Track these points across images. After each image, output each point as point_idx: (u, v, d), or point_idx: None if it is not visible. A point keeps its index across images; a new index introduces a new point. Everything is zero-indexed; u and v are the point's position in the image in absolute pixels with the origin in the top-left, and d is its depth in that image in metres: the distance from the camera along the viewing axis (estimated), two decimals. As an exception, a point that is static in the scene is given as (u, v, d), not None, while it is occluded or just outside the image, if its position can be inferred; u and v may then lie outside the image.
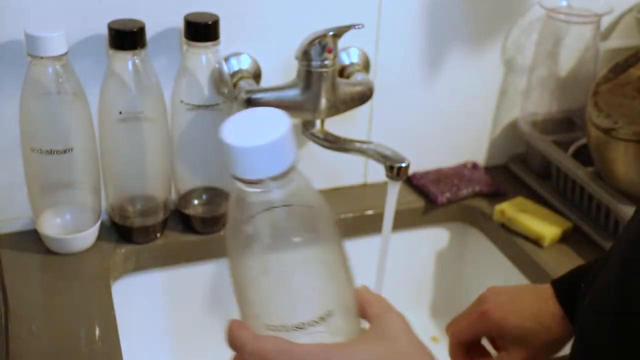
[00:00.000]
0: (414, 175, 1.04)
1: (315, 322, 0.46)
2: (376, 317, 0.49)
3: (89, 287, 0.81)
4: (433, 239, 1.06)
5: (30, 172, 0.83)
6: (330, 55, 0.83)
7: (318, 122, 0.90)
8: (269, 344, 0.45)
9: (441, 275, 1.08)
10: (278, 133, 0.43)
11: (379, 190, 0.97)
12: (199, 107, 0.84)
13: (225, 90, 0.85)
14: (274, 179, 0.44)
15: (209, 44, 0.82)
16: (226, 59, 0.88)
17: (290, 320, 0.46)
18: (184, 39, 0.83)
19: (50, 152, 0.80)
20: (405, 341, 0.48)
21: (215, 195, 0.91)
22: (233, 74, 0.88)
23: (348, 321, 0.49)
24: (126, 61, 0.80)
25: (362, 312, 0.50)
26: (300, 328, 0.46)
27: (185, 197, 0.91)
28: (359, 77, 0.91)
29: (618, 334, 0.47)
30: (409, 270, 1.06)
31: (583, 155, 0.98)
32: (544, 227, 0.95)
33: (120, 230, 0.88)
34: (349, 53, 0.93)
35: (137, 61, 0.80)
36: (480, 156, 1.09)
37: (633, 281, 0.47)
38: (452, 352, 0.71)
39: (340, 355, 0.45)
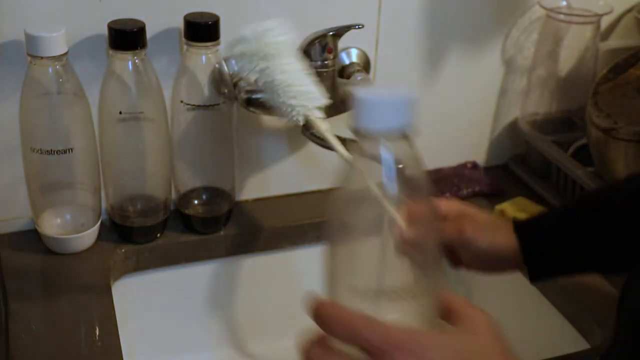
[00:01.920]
0: (414, 175, 1.04)
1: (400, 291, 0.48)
2: (461, 313, 0.49)
3: (89, 287, 0.81)
4: (433, 239, 1.06)
5: (30, 172, 0.83)
6: (330, 55, 0.83)
7: (318, 122, 0.90)
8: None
9: (441, 275, 1.08)
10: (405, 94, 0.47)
11: (379, 190, 0.97)
12: (199, 107, 0.84)
13: (225, 90, 0.85)
14: (391, 135, 0.46)
15: (209, 44, 0.82)
16: (226, 59, 0.88)
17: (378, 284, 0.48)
18: (184, 39, 0.83)
19: (50, 152, 0.80)
20: (488, 338, 0.48)
21: (215, 195, 0.91)
22: (233, 74, 0.88)
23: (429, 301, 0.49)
24: (126, 61, 0.80)
25: (447, 309, 0.50)
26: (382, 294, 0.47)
27: (185, 197, 0.91)
28: (359, 77, 0.91)
29: None
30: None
31: (583, 155, 0.98)
32: (544, 227, 0.95)
33: (120, 230, 0.88)
34: (349, 53, 0.93)
35: (137, 61, 0.80)
36: (480, 156, 1.09)
37: None
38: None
39: (432, 343, 0.46)
